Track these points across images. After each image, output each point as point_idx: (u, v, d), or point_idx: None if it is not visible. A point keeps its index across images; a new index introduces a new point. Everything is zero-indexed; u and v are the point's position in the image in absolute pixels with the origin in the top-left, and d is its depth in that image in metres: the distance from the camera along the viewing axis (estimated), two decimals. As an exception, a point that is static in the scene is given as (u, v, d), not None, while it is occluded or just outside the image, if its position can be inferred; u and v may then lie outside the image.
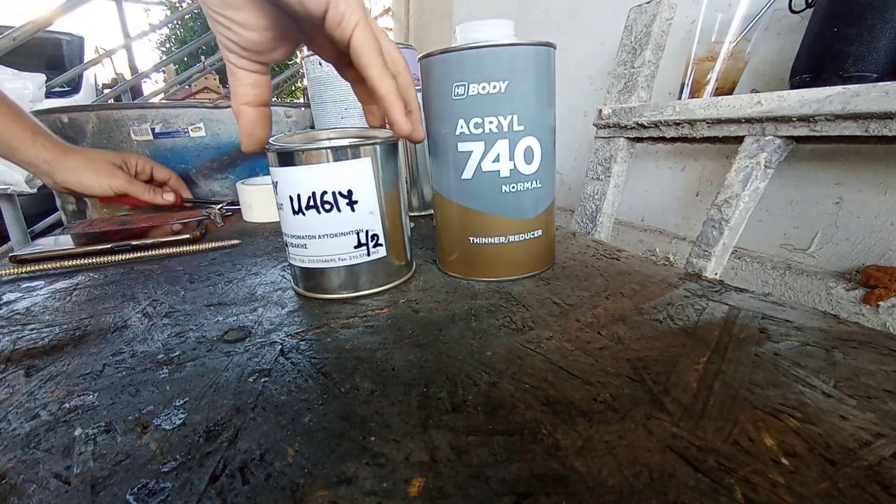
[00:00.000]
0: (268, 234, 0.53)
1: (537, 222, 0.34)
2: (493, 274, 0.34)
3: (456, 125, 0.31)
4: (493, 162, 0.31)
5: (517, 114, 0.31)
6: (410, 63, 0.76)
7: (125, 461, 0.18)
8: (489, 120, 0.30)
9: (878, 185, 0.61)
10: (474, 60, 0.29)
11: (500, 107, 0.30)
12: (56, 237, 0.54)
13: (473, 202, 0.33)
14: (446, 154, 0.33)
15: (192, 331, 0.29)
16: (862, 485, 0.15)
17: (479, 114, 0.30)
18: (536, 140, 0.32)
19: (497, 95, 0.30)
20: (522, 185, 0.32)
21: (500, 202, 0.32)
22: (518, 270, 0.35)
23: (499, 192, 0.32)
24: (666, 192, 0.94)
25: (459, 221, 0.34)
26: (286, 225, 0.32)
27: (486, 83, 0.30)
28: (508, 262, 0.34)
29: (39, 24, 1.04)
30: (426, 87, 0.33)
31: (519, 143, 0.31)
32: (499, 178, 0.32)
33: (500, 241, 0.33)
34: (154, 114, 0.70)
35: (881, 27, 0.49)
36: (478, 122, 0.30)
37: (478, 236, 0.33)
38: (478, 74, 0.30)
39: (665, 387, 0.20)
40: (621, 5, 0.83)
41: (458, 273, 0.36)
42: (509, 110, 0.30)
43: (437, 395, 0.21)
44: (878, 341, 0.23)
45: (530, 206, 0.33)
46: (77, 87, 2.53)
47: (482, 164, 0.31)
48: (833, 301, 0.64)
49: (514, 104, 0.30)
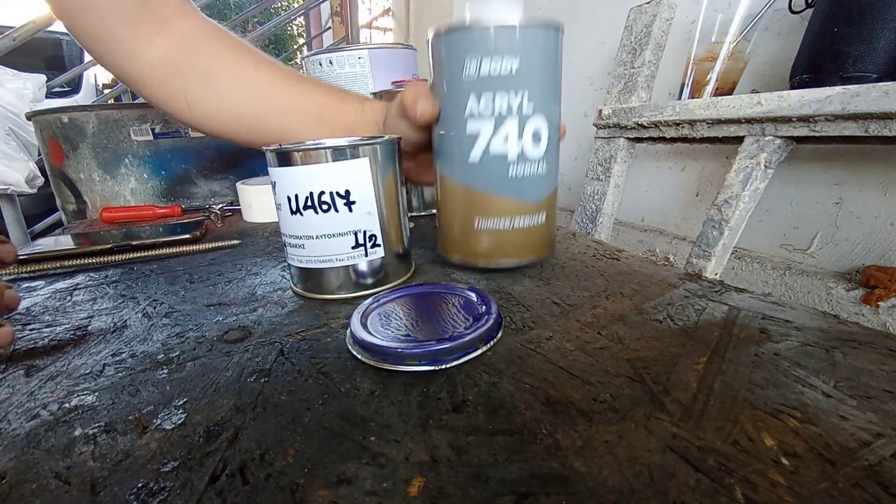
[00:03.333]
0: (268, 234, 0.53)
1: (541, 207, 0.34)
2: (496, 258, 0.34)
3: (465, 104, 0.31)
4: (503, 143, 0.31)
5: (527, 93, 0.31)
6: (410, 62, 0.76)
7: (125, 461, 0.18)
8: (500, 98, 0.30)
9: (878, 185, 0.61)
10: (488, 37, 0.29)
11: (510, 85, 0.30)
12: (56, 237, 0.54)
13: (480, 183, 0.33)
14: (454, 134, 0.33)
15: (191, 331, 0.29)
16: (862, 485, 0.15)
17: (491, 90, 0.30)
18: (544, 121, 0.32)
19: (508, 75, 0.30)
20: (529, 167, 0.32)
21: (508, 184, 0.32)
22: (520, 255, 0.34)
23: (506, 173, 0.32)
24: (666, 192, 0.94)
25: (464, 203, 0.34)
26: (284, 225, 0.32)
27: (498, 61, 0.30)
28: (512, 247, 0.34)
29: (39, 24, 1.04)
30: (437, 66, 0.33)
31: (527, 123, 0.31)
32: (506, 159, 0.32)
33: (505, 225, 0.33)
34: (154, 114, 0.70)
35: (881, 27, 0.49)
36: (488, 100, 0.30)
37: (483, 218, 0.33)
38: (491, 51, 0.30)
39: (665, 387, 0.20)
40: (621, 5, 0.83)
41: (460, 258, 0.36)
42: (520, 89, 0.30)
43: (437, 395, 0.21)
44: (878, 341, 0.23)
45: (536, 190, 0.33)
46: (77, 88, 2.52)
47: (491, 145, 0.31)
48: (833, 301, 0.64)
49: (525, 83, 0.30)
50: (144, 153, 0.71)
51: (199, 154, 0.74)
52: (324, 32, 2.83)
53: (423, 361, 0.23)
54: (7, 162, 1.17)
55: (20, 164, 1.19)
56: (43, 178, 1.22)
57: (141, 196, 0.73)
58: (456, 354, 0.23)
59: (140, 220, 0.66)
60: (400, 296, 0.30)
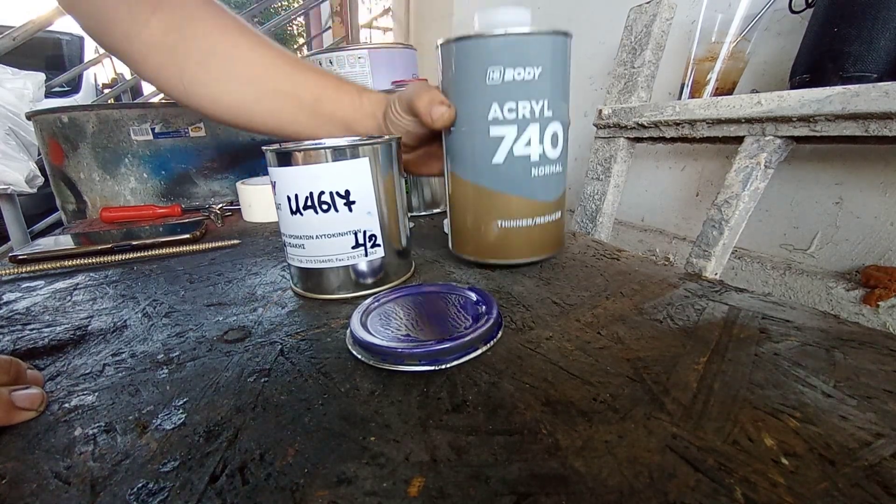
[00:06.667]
0: (268, 234, 0.53)
1: (557, 204, 0.35)
2: (516, 256, 0.35)
3: (489, 110, 0.32)
4: (525, 146, 0.32)
5: (547, 99, 0.32)
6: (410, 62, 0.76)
7: (125, 461, 0.18)
8: (523, 104, 0.31)
9: (878, 185, 0.61)
10: (512, 46, 0.30)
11: (533, 92, 0.31)
12: (56, 237, 0.54)
13: (503, 186, 0.33)
14: (475, 139, 0.33)
15: (192, 331, 0.29)
16: (862, 485, 0.15)
17: (515, 98, 0.31)
18: (560, 125, 0.33)
19: (532, 81, 0.31)
20: (549, 168, 0.34)
21: (530, 185, 0.33)
22: (539, 252, 0.36)
23: (528, 175, 0.33)
24: (666, 192, 0.94)
25: (485, 204, 0.34)
26: (284, 225, 0.32)
27: (521, 69, 0.30)
28: (532, 244, 0.35)
29: (39, 24, 1.04)
30: (452, 73, 0.33)
31: (548, 127, 0.32)
32: (529, 161, 0.33)
33: (528, 223, 0.34)
34: (154, 113, 0.70)
35: (881, 27, 0.49)
36: (512, 106, 0.31)
37: (506, 219, 0.34)
38: (516, 59, 0.30)
39: (665, 387, 0.20)
40: (621, 5, 0.83)
41: (478, 257, 0.36)
42: (542, 96, 0.31)
43: (437, 395, 0.21)
44: (878, 341, 0.23)
45: (553, 189, 0.35)
46: (77, 87, 2.52)
47: (514, 149, 0.32)
48: (833, 301, 0.64)
49: (546, 90, 0.31)
50: (144, 153, 0.71)
51: (199, 154, 0.74)
52: (324, 32, 2.83)
53: (423, 361, 0.23)
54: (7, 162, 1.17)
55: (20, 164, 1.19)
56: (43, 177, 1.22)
57: (141, 196, 0.73)
58: (456, 354, 0.23)
59: (140, 219, 0.66)
60: (400, 296, 0.30)
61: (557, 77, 0.32)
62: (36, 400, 0.21)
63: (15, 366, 0.22)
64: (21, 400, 0.20)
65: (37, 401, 0.21)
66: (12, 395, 0.20)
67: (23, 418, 0.20)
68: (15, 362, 0.22)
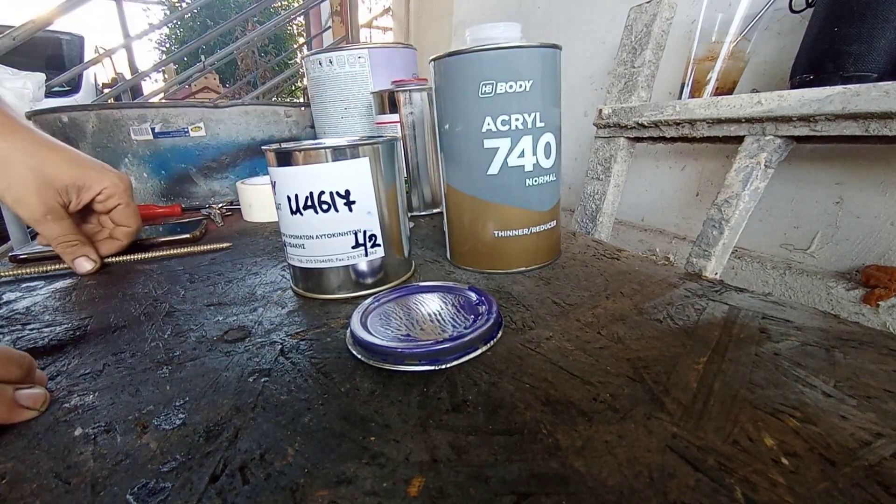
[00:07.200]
0: (268, 234, 0.53)
1: (552, 213, 0.36)
2: (513, 265, 0.36)
3: (482, 123, 0.32)
4: (519, 157, 0.33)
5: (539, 111, 0.32)
6: (410, 62, 0.76)
7: (125, 461, 0.18)
8: (515, 117, 0.32)
9: (878, 185, 0.61)
10: (503, 60, 0.31)
11: (525, 104, 0.32)
12: (56, 237, 0.54)
13: (498, 196, 0.34)
14: (469, 151, 0.33)
15: (192, 331, 0.29)
16: (862, 485, 0.15)
17: (507, 111, 0.32)
18: (552, 135, 0.34)
19: (523, 94, 0.31)
20: (543, 178, 0.34)
21: (525, 195, 0.34)
22: (536, 260, 0.36)
23: (523, 185, 0.34)
24: (666, 192, 0.94)
25: (483, 216, 0.35)
26: (284, 225, 0.32)
27: (513, 82, 0.31)
28: (528, 253, 0.36)
29: (39, 23, 1.04)
30: (444, 87, 0.33)
31: (541, 138, 0.33)
32: (523, 172, 0.33)
33: (524, 233, 0.35)
34: (154, 113, 0.70)
35: (881, 27, 0.49)
36: (505, 119, 0.32)
37: (502, 230, 0.34)
38: (507, 73, 0.31)
39: (665, 387, 0.20)
40: (621, 5, 0.83)
41: (475, 267, 0.37)
42: (533, 107, 0.32)
43: (437, 395, 0.21)
44: (878, 341, 0.23)
45: (548, 198, 0.35)
46: (77, 87, 2.52)
47: (508, 160, 0.33)
48: (833, 301, 0.64)
49: (537, 102, 0.32)
50: (144, 153, 0.71)
51: (199, 154, 0.74)
52: (324, 32, 2.83)
53: (423, 361, 0.23)
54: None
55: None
56: (43, 177, 1.21)
57: (141, 195, 0.73)
58: (456, 354, 0.23)
59: (140, 219, 0.66)
60: (400, 296, 0.30)
61: (548, 89, 0.33)
62: (39, 399, 0.21)
63: (28, 362, 0.22)
64: (24, 399, 0.21)
65: (39, 400, 0.21)
66: (16, 394, 0.20)
67: (24, 417, 0.20)
68: (29, 359, 0.22)
